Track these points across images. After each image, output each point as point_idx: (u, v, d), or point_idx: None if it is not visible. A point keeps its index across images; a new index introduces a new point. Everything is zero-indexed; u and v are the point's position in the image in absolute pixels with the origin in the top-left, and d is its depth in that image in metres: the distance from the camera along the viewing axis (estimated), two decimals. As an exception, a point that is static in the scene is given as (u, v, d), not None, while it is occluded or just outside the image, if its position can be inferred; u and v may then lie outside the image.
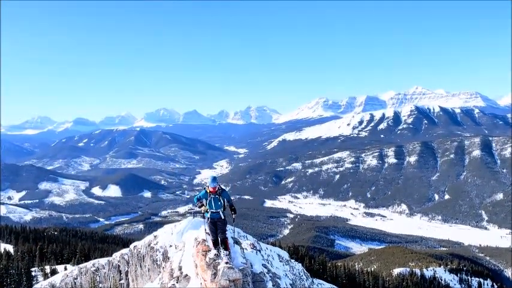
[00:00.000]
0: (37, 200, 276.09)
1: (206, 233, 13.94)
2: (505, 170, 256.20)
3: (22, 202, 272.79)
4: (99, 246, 74.60)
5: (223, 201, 12.87)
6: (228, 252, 12.91)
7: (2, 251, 56.31)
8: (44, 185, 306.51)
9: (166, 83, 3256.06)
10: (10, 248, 63.92)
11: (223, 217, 12.91)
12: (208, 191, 12.84)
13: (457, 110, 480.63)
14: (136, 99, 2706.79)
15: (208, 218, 13.07)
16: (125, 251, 29.35)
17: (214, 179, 12.82)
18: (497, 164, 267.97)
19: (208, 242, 13.78)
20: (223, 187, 13.14)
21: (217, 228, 13.03)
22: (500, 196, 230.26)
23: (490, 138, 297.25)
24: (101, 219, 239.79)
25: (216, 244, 13.16)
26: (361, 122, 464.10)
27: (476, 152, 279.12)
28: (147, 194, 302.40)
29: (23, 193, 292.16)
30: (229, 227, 13.90)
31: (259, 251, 25.87)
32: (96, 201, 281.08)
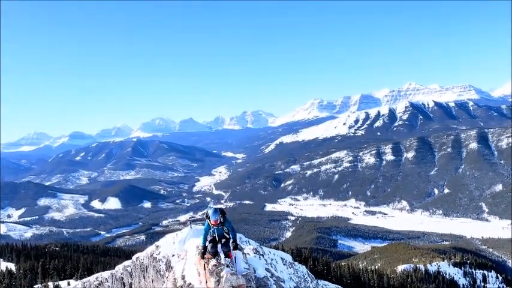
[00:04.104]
0: (37, 217, 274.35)
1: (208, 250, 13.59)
2: (502, 161, 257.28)
3: (22, 219, 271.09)
4: (101, 259, 74.30)
5: (227, 230, 12.69)
6: (230, 258, 12.86)
7: (4, 269, 56.03)
8: (43, 201, 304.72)
9: (161, 92, 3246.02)
10: (12, 266, 63.61)
11: (228, 236, 12.70)
12: (210, 224, 12.56)
13: (452, 104, 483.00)
14: (132, 110, 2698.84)
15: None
16: (127, 263, 29.26)
17: (215, 211, 12.38)
18: (494, 155, 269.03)
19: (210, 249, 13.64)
20: (226, 216, 12.76)
21: (219, 243, 12.83)
22: (499, 187, 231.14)
23: (486, 130, 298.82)
24: (101, 233, 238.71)
25: (215, 255, 12.98)
26: (357, 121, 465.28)
27: (473, 145, 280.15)
28: (147, 205, 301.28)
29: (22, 210, 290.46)
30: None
31: (262, 255, 25.84)
32: (96, 215, 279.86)
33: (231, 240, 12.80)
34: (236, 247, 12.92)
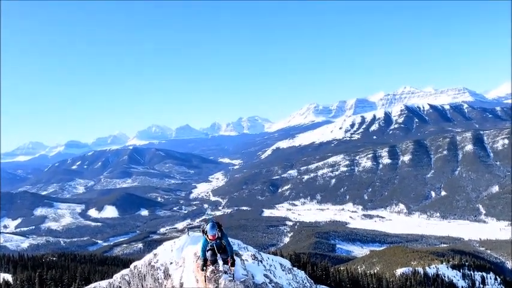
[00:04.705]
0: (33, 227, 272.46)
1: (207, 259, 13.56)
2: (498, 163, 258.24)
3: (18, 230, 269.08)
4: (99, 268, 73.74)
5: (224, 243, 12.66)
6: (228, 265, 12.87)
7: (1, 280, 55.58)
8: (39, 211, 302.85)
9: (157, 100, 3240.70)
10: (9, 277, 63.07)
11: (224, 244, 12.70)
12: (208, 239, 12.50)
13: (447, 107, 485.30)
14: (128, 118, 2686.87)
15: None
16: (125, 271, 29.15)
17: (213, 226, 12.31)
18: (490, 157, 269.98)
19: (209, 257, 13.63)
20: (222, 229, 12.74)
21: (217, 253, 12.85)
22: (496, 189, 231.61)
23: (481, 132, 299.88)
24: (99, 241, 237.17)
25: (214, 262, 12.96)
26: (352, 125, 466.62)
27: (469, 147, 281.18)
28: (144, 212, 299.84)
29: (19, 220, 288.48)
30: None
31: (261, 261, 25.84)
32: (93, 224, 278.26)
33: (229, 254, 12.81)
34: (233, 263, 12.84)
